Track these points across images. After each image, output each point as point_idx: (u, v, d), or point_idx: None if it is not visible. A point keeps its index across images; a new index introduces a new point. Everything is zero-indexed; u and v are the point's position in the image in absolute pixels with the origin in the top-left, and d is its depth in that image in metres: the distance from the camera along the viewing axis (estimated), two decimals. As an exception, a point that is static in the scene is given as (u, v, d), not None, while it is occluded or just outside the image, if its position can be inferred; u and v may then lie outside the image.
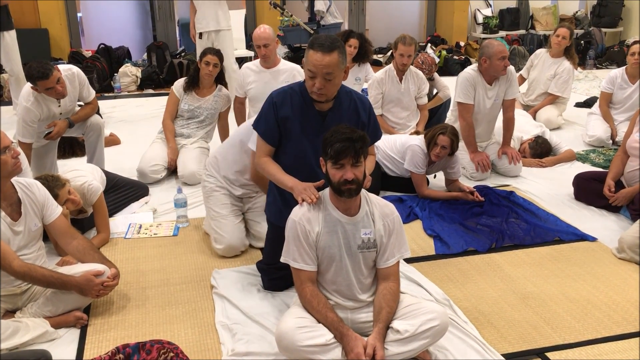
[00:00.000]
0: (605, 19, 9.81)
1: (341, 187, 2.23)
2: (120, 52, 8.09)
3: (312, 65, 2.40)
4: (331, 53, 2.39)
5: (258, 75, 4.43)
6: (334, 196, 2.32)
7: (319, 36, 2.46)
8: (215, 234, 3.25)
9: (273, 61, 4.41)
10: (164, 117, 4.52)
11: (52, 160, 4.23)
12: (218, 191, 3.31)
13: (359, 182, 2.24)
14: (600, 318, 2.70)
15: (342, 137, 2.19)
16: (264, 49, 4.31)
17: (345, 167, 2.21)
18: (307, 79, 2.48)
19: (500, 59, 4.17)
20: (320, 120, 2.56)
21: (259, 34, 4.30)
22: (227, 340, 2.51)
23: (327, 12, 7.99)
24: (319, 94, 2.46)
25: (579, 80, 7.85)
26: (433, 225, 3.60)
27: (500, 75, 4.27)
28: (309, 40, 2.48)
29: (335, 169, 2.23)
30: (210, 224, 3.31)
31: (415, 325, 2.21)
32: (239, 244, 3.25)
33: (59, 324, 2.58)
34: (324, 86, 2.43)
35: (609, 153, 4.97)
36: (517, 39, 9.50)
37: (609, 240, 3.43)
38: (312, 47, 2.41)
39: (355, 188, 2.24)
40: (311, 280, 2.34)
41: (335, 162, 2.22)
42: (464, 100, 4.33)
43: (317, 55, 2.39)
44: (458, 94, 4.36)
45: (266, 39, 4.28)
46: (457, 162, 3.98)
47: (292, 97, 2.57)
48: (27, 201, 2.61)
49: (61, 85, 3.70)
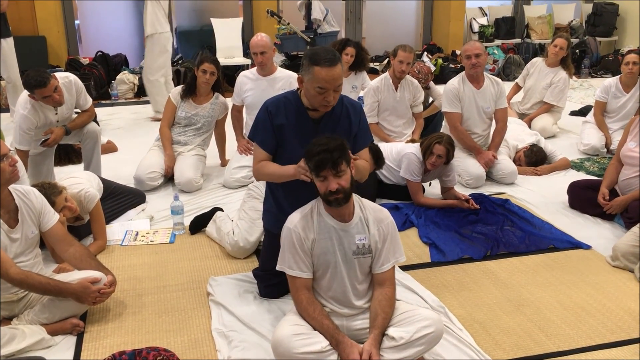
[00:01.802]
0: (600, 28, 9.87)
1: (328, 198, 2.25)
2: (118, 60, 8.11)
3: (323, 82, 2.39)
4: (337, 65, 2.40)
5: (255, 83, 4.45)
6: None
7: (318, 52, 2.43)
8: (239, 233, 3.30)
9: (270, 69, 4.43)
10: (161, 125, 4.54)
11: (49, 168, 4.23)
12: (257, 199, 3.35)
13: (345, 191, 2.25)
14: (595, 326, 2.71)
15: (318, 149, 2.20)
16: (260, 57, 4.33)
17: (328, 179, 2.23)
18: (314, 95, 2.44)
19: (466, 57, 4.38)
20: (314, 127, 2.58)
21: (256, 41, 4.32)
22: (223, 347, 2.51)
23: (324, 20, 8.02)
24: (328, 106, 2.49)
25: (574, 89, 7.90)
26: (429, 233, 3.61)
27: (472, 73, 4.39)
28: (308, 57, 2.44)
29: (319, 181, 2.26)
30: (237, 222, 3.36)
31: (411, 332, 2.22)
32: (253, 248, 3.33)
33: (56, 331, 2.58)
34: (335, 98, 2.46)
35: (603, 161, 5.00)
36: (512, 47, 9.55)
37: (603, 248, 3.44)
38: (318, 64, 2.38)
39: (342, 197, 2.25)
40: (307, 288, 2.35)
41: (317, 174, 2.24)
42: (449, 109, 4.47)
43: (326, 71, 2.38)
44: (444, 105, 4.53)
45: (263, 47, 4.30)
46: (452, 170, 4.01)
47: (285, 105, 2.58)
48: (25, 208, 2.62)
49: (58, 94, 3.71)
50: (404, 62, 4.71)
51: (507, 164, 4.54)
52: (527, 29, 9.89)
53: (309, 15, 8.06)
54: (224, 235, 3.40)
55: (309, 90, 2.46)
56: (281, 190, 2.68)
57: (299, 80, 2.53)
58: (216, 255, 3.37)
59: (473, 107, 4.46)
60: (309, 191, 2.39)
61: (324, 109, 2.52)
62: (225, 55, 7.97)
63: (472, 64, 4.34)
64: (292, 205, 2.48)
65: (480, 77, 4.45)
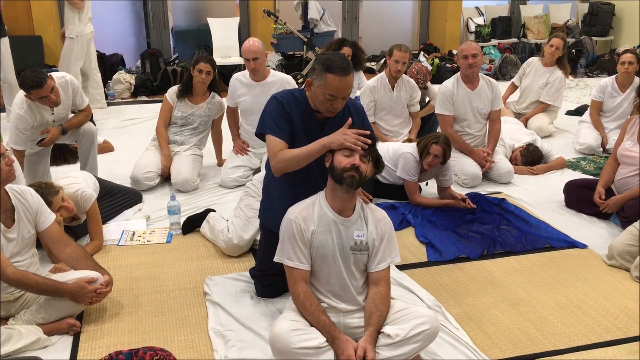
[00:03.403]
0: (596, 28, 9.90)
1: (344, 174, 2.26)
2: (114, 59, 8.10)
3: (335, 90, 2.40)
4: (350, 75, 2.42)
5: (248, 88, 4.39)
6: (331, 194, 2.36)
7: (332, 59, 2.42)
8: (233, 230, 3.30)
9: (262, 74, 4.35)
10: (157, 124, 4.53)
11: (45, 168, 4.23)
12: (254, 198, 3.33)
13: (361, 176, 2.28)
14: (590, 324, 2.72)
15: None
16: (253, 63, 4.24)
17: (354, 155, 2.27)
18: (322, 101, 2.45)
19: (462, 57, 4.39)
20: (320, 128, 2.58)
21: (248, 47, 4.23)
22: (219, 347, 2.52)
23: (321, 20, 8.02)
24: (333, 112, 2.50)
25: (570, 89, 7.91)
26: (425, 233, 3.62)
27: (468, 73, 4.40)
28: (322, 62, 2.42)
29: (343, 155, 2.28)
30: (233, 220, 3.36)
31: (406, 330, 2.23)
32: (247, 247, 3.34)
33: (52, 331, 2.58)
34: (341, 105, 2.47)
35: (599, 161, 5.01)
36: (509, 47, 9.56)
37: (599, 248, 3.45)
38: (332, 71, 2.38)
39: (357, 178, 2.27)
40: (304, 280, 2.35)
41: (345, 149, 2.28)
42: (441, 111, 4.50)
43: (339, 80, 2.38)
44: (436, 106, 4.56)
45: (255, 53, 4.21)
46: (449, 169, 4.01)
47: (295, 101, 2.57)
48: (21, 208, 2.62)
49: (55, 94, 3.71)
50: (399, 61, 4.71)
51: (503, 164, 4.55)
52: (523, 29, 9.90)
53: (306, 15, 8.06)
54: (217, 234, 3.40)
55: (318, 96, 2.46)
56: (286, 187, 2.65)
57: (308, 84, 2.52)
58: (213, 255, 3.37)
59: (468, 108, 4.47)
60: (312, 188, 2.42)
61: (329, 114, 2.53)
62: (221, 55, 7.96)
63: (469, 64, 4.34)
64: (295, 202, 2.47)
65: (475, 78, 4.46)
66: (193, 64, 4.39)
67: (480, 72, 4.57)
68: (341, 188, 2.30)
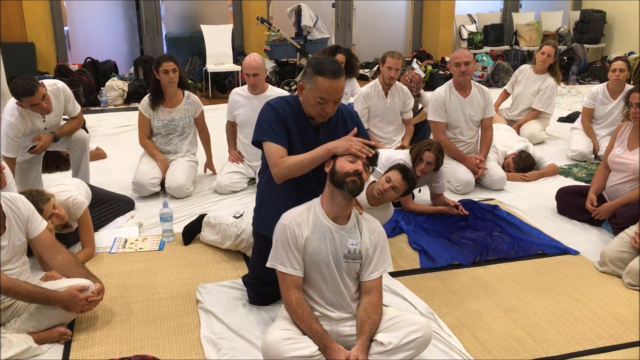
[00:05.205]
0: (587, 35, 9.98)
1: (347, 178, 2.27)
2: (107, 66, 8.10)
3: (325, 93, 2.40)
4: (341, 78, 2.42)
5: (246, 100, 4.46)
6: (327, 200, 2.36)
7: (323, 61, 2.43)
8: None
9: (261, 88, 4.45)
10: (139, 139, 4.47)
11: (37, 175, 4.21)
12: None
13: (362, 183, 2.29)
14: (583, 331, 2.73)
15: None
16: (253, 78, 4.34)
17: (358, 162, 2.29)
18: (313, 104, 2.46)
19: (455, 65, 4.41)
20: (314, 134, 2.59)
21: (249, 62, 4.31)
22: (212, 355, 2.51)
23: (314, 27, 8.05)
24: (325, 117, 2.50)
25: (562, 96, 7.96)
26: (418, 239, 3.62)
27: (460, 81, 4.42)
28: (312, 65, 2.43)
29: (347, 161, 2.30)
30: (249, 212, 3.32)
31: (399, 337, 2.23)
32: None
33: (43, 339, 2.57)
34: (333, 109, 2.47)
35: (591, 167, 5.04)
36: (501, 54, 9.62)
37: (591, 254, 3.47)
38: (322, 74, 2.39)
39: (358, 184, 2.28)
40: (297, 287, 2.35)
41: (349, 155, 2.30)
42: (433, 118, 4.52)
43: (329, 83, 2.39)
44: (429, 113, 4.57)
45: (256, 69, 4.30)
46: (441, 176, 4.02)
47: (289, 107, 2.58)
48: (12, 215, 2.60)
49: (46, 102, 3.69)
50: (392, 68, 4.73)
51: (496, 170, 4.57)
52: (515, 36, 9.97)
53: (299, 22, 8.09)
54: (226, 228, 3.38)
55: (309, 99, 2.47)
56: (281, 193, 2.64)
57: (299, 87, 2.53)
58: (205, 263, 3.36)
59: (460, 115, 4.49)
60: (308, 194, 2.43)
61: (321, 119, 2.53)
62: (215, 62, 7.97)
63: (462, 71, 4.36)
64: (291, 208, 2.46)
65: (468, 85, 4.48)
66: (155, 67, 4.30)
67: (473, 79, 4.58)
68: (341, 193, 2.31)
